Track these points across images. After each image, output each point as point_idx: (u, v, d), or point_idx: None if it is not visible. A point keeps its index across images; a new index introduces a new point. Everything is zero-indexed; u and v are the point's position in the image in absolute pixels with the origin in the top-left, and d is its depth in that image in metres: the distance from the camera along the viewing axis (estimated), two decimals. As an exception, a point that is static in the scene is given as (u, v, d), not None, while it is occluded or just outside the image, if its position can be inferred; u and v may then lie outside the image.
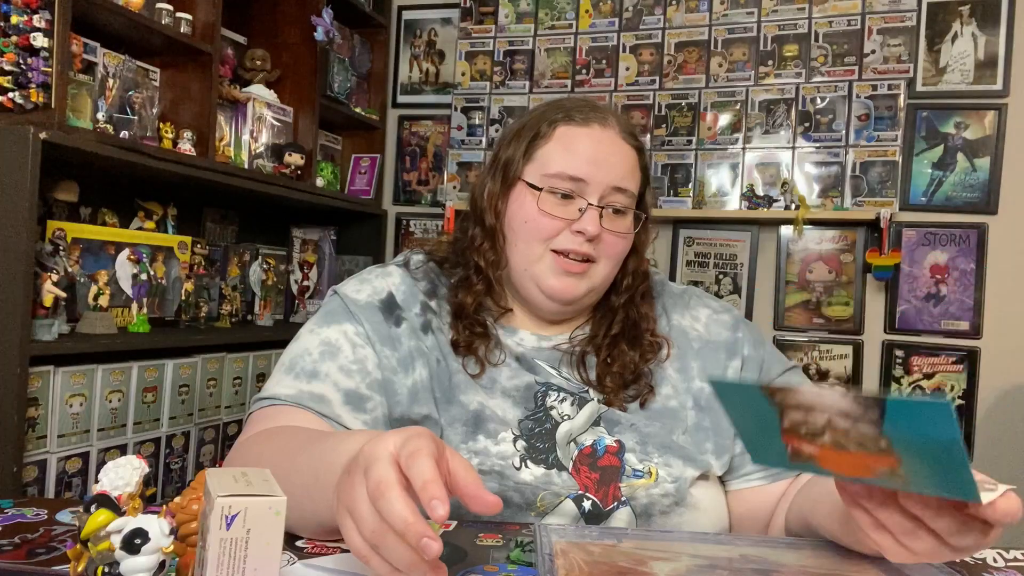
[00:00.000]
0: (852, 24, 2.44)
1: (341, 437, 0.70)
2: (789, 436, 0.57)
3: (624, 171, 0.95)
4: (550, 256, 0.94)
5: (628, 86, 2.64)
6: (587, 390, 0.95)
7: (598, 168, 0.93)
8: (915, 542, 0.60)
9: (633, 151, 0.98)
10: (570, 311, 0.99)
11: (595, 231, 0.92)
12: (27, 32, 1.59)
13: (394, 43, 3.00)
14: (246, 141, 2.34)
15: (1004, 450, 2.34)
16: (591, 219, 0.92)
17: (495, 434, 0.90)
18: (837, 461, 0.56)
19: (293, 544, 0.71)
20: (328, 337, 0.93)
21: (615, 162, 0.95)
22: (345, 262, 2.87)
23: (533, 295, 0.97)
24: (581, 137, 0.95)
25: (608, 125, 0.96)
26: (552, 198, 0.94)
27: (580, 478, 0.89)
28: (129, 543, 0.49)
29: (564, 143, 0.95)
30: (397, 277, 1.00)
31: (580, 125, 0.96)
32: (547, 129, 0.96)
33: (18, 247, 1.51)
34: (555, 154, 0.95)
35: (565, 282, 0.94)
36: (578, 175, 0.93)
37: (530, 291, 0.97)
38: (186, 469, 2.03)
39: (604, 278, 0.97)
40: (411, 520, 0.51)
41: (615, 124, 0.97)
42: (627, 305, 1.00)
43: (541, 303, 0.97)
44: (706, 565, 0.68)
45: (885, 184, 2.39)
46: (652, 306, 1.02)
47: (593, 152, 0.94)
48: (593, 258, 0.94)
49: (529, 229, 0.94)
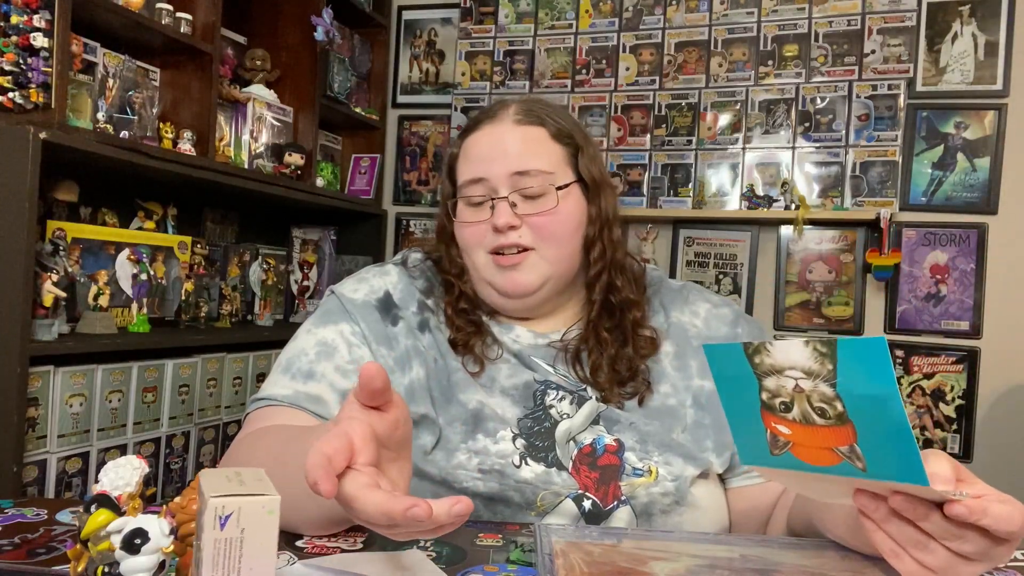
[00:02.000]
0: (852, 24, 2.44)
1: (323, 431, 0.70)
2: (767, 415, 0.61)
3: (522, 153, 0.95)
4: (490, 259, 0.96)
5: (628, 86, 2.64)
6: (585, 388, 0.95)
7: (491, 162, 0.95)
8: (928, 555, 0.60)
9: (533, 128, 0.97)
10: (538, 303, 0.98)
11: (505, 221, 0.92)
12: (27, 32, 1.59)
13: (394, 43, 3.00)
14: (246, 141, 2.34)
15: (1004, 450, 2.34)
16: (500, 212, 0.93)
17: (494, 433, 0.90)
18: (807, 442, 0.59)
19: (293, 544, 0.71)
20: (324, 337, 0.94)
21: (508, 148, 0.95)
22: (345, 262, 2.87)
23: (494, 298, 0.98)
24: (475, 141, 0.98)
25: (499, 118, 0.98)
26: (467, 208, 0.97)
27: (580, 477, 0.89)
28: (129, 543, 0.49)
29: (465, 153, 0.99)
30: (395, 276, 1.00)
31: (473, 131, 0.99)
32: (455, 149, 1.01)
33: (18, 247, 1.51)
34: (461, 166, 0.99)
35: (509, 277, 0.95)
36: (475, 176, 0.95)
37: (490, 295, 0.98)
38: (186, 469, 2.03)
39: (553, 261, 0.95)
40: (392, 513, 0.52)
41: (508, 114, 0.98)
42: (605, 282, 0.98)
43: (504, 304, 0.98)
44: (706, 565, 0.68)
45: (885, 184, 2.39)
46: (640, 291, 1.01)
47: (486, 149, 0.96)
48: (527, 246, 0.94)
49: (465, 243, 0.98)
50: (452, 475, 0.87)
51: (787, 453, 0.62)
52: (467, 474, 0.87)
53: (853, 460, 0.58)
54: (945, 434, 2.40)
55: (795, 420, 0.59)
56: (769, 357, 0.58)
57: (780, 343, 0.57)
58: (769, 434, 0.62)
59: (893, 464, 0.56)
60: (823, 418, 0.58)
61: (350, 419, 0.57)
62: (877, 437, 0.56)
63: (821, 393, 0.57)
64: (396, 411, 0.60)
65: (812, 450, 0.60)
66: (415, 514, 0.51)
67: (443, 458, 0.88)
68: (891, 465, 0.56)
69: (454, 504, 0.53)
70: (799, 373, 0.57)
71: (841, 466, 0.59)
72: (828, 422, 0.58)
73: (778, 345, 0.58)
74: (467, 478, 0.87)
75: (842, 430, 0.57)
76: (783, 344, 0.57)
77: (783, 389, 0.59)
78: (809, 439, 0.60)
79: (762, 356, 0.58)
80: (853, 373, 0.55)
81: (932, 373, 2.41)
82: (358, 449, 0.55)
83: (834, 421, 0.57)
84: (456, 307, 0.98)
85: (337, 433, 0.55)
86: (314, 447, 0.54)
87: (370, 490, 0.53)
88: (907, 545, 0.61)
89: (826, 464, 0.60)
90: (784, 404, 0.59)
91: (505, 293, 0.96)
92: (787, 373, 0.58)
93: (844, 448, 0.58)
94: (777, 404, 0.60)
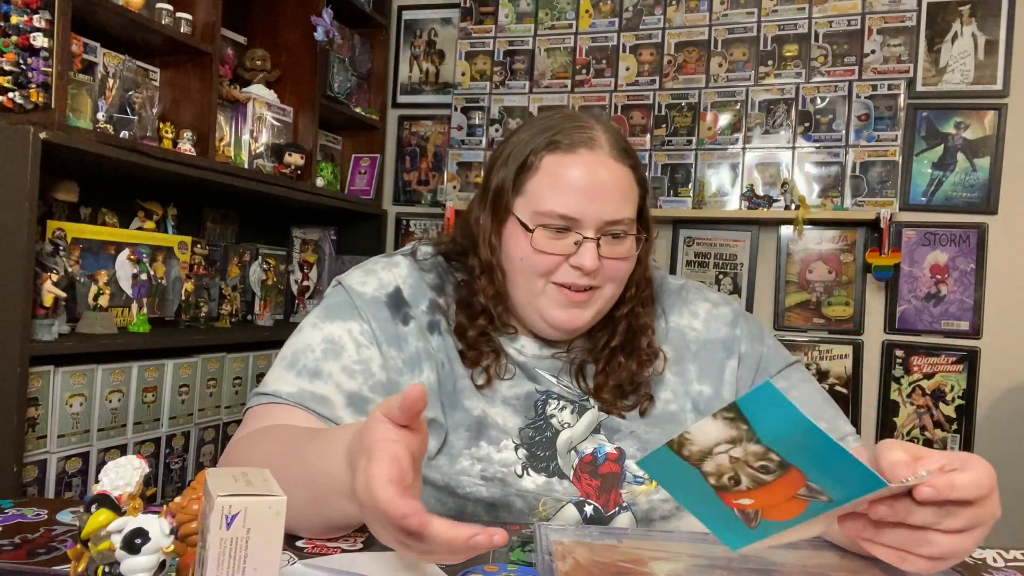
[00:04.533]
0: (852, 24, 2.44)
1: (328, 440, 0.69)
2: (724, 496, 0.62)
3: (619, 200, 0.90)
4: (552, 288, 0.91)
5: (628, 86, 2.64)
6: (587, 398, 0.95)
7: (591, 202, 0.88)
8: (931, 547, 0.61)
9: (626, 170, 0.92)
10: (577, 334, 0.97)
11: (593, 265, 0.88)
12: (27, 32, 1.59)
13: (394, 43, 3.00)
14: (246, 141, 2.34)
15: (1004, 450, 2.34)
16: (588, 254, 0.88)
17: (497, 441, 0.89)
18: (770, 502, 0.61)
19: (293, 544, 0.71)
20: (332, 334, 0.90)
21: (608, 191, 0.89)
22: (345, 262, 2.87)
23: (538, 326, 0.94)
24: (569, 168, 0.90)
25: (596, 146, 0.91)
26: (546, 234, 0.90)
27: (581, 486, 0.89)
28: (129, 543, 0.49)
29: (552, 177, 0.90)
30: (404, 268, 0.97)
31: (567, 152, 0.90)
32: (534, 160, 0.91)
33: (18, 247, 1.51)
34: (544, 190, 0.90)
35: (570, 313, 0.91)
36: (569, 214, 0.88)
37: (535, 322, 0.94)
38: (186, 469, 2.03)
39: (609, 299, 0.94)
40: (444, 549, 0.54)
41: (604, 143, 0.91)
42: (629, 315, 0.97)
43: (547, 332, 0.95)
44: (705, 565, 0.68)
45: (885, 184, 2.39)
46: (652, 312, 1.00)
47: (584, 185, 0.89)
48: (596, 286, 0.91)
49: (526, 266, 0.91)
50: (455, 480, 0.87)
51: (762, 521, 0.62)
52: (470, 480, 0.87)
53: (816, 496, 0.59)
54: (945, 434, 2.40)
55: (749, 488, 0.60)
56: (693, 444, 0.59)
57: (692, 428, 0.59)
58: (736, 512, 0.63)
59: (848, 482, 0.57)
60: (769, 474, 0.59)
61: (392, 441, 0.57)
62: (820, 467, 0.57)
63: (754, 452, 0.58)
64: (423, 431, 0.61)
65: (779, 507, 0.61)
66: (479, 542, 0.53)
67: (447, 463, 0.88)
68: (848, 484, 0.57)
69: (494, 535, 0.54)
70: (725, 446, 0.58)
71: (811, 507, 0.60)
72: (776, 475, 0.59)
73: (692, 431, 0.59)
74: (470, 484, 0.87)
75: (790, 476, 0.59)
76: (696, 428, 0.58)
77: (722, 467, 0.60)
78: (770, 498, 0.61)
79: (687, 446, 0.59)
80: (765, 422, 0.56)
81: (932, 373, 2.41)
82: (405, 472, 0.56)
83: (779, 471, 0.59)
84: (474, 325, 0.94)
85: (391, 459, 0.55)
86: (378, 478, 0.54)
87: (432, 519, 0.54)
88: (908, 547, 0.61)
89: (798, 513, 0.61)
90: (731, 479, 0.60)
91: (558, 327, 0.92)
92: (715, 451, 0.59)
93: (802, 491, 0.59)
94: (726, 481, 0.61)
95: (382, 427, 0.58)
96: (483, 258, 0.94)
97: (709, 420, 0.57)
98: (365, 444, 0.57)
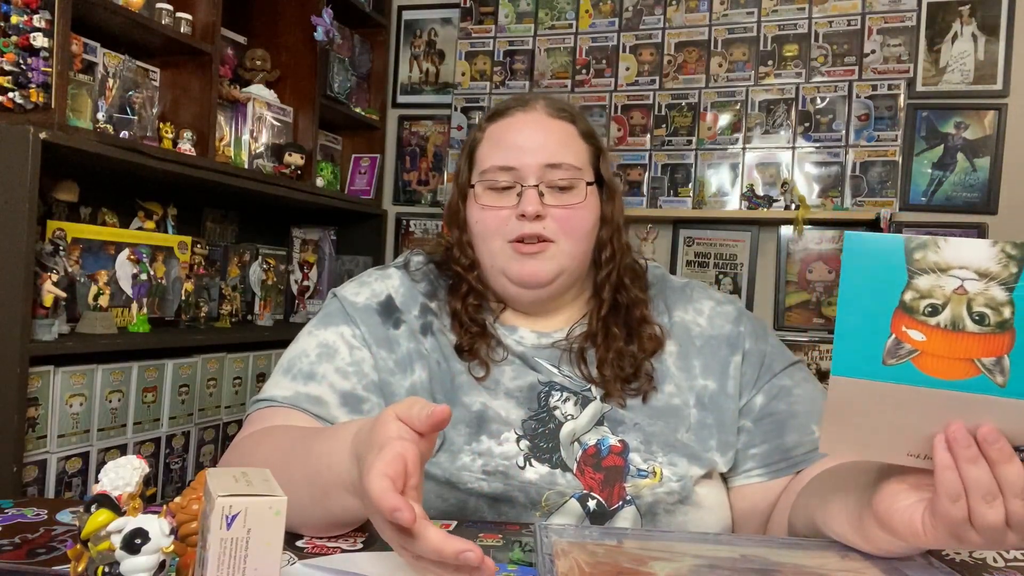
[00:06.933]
0: (852, 24, 2.44)
1: (332, 436, 0.70)
2: (900, 318, 0.57)
3: (554, 146, 0.95)
4: (508, 247, 0.95)
5: (628, 86, 2.64)
6: (589, 388, 0.95)
7: (524, 151, 0.95)
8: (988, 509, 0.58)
9: (564, 124, 0.98)
10: (550, 295, 0.98)
11: (534, 210, 0.92)
12: (27, 32, 1.59)
13: (394, 43, 3.00)
14: (246, 141, 2.34)
15: (1004, 450, 2.34)
16: (528, 199, 0.93)
17: (498, 434, 0.90)
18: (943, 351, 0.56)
19: (293, 544, 0.71)
20: (325, 339, 0.95)
21: (542, 140, 0.95)
22: (345, 262, 2.87)
23: (506, 288, 0.97)
24: (505, 128, 0.98)
25: (530, 108, 0.98)
26: (490, 192, 0.96)
27: (584, 479, 0.89)
28: (129, 543, 0.49)
29: (493, 139, 0.98)
30: (396, 279, 1.01)
31: (504, 117, 0.99)
32: (479, 133, 1.01)
33: (18, 247, 1.51)
34: (487, 151, 0.98)
35: (528, 265, 0.94)
36: (506, 164, 0.95)
37: (503, 285, 0.97)
38: (186, 469, 2.03)
39: (570, 255, 0.96)
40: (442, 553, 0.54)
41: (540, 106, 0.98)
42: (615, 283, 0.99)
43: (516, 294, 0.97)
44: (706, 565, 0.68)
45: (885, 184, 2.40)
46: (644, 289, 1.02)
47: (518, 138, 0.96)
48: (548, 238, 0.94)
49: (481, 228, 0.97)
50: (456, 476, 0.87)
51: (906, 363, 0.57)
52: (471, 475, 0.87)
53: (994, 374, 0.56)
54: (945, 434, 2.40)
55: (937, 326, 0.56)
56: (936, 254, 0.55)
57: (956, 240, 0.55)
58: (891, 340, 0.57)
59: None
60: (979, 324, 0.55)
61: (403, 441, 0.58)
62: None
63: (989, 297, 0.54)
64: (432, 438, 0.62)
65: (945, 361, 0.56)
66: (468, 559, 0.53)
67: (447, 460, 0.88)
68: None
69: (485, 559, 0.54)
70: (970, 274, 0.54)
71: (974, 380, 0.56)
72: (983, 329, 0.55)
73: (952, 242, 0.55)
74: (471, 479, 0.87)
75: (996, 339, 0.55)
76: (958, 241, 0.54)
77: (938, 290, 0.55)
78: (947, 348, 0.56)
79: (926, 252, 0.55)
80: None
81: (932, 373, 2.41)
82: (410, 472, 0.57)
83: (992, 329, 0.55)
84: (464, 302, 0.98)
85: (394, 456, 0.56)
86: (375, 470, 0.55)
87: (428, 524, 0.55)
88: (973, 491, 0.59)
89: (955, 378, 0.57)
90: (931, 307, 0.56)
91: (521, 282, 0.95)
92: (953, 272, 0.55)
93: (989, 360, 0.55)
94: (922, 306, 0.56)
95: (396, 426, 0.59)
96: (455, 236, 1.01)
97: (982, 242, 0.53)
98: (377, 439, 0.59)
